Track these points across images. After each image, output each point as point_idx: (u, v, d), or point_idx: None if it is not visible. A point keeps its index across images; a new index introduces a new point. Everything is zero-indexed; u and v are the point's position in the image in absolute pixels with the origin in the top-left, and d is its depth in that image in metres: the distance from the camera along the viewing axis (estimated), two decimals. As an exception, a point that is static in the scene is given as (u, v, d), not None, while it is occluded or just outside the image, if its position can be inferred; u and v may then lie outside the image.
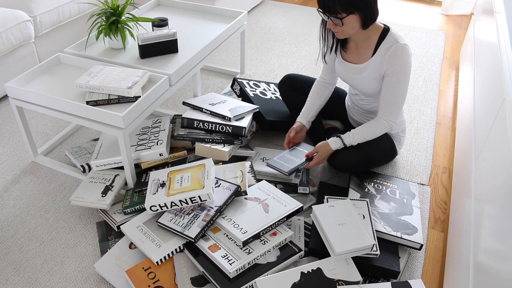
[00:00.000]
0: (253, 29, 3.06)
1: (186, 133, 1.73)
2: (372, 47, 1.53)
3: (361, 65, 1.56)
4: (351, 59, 1.61)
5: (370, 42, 1.53)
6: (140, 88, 1.58)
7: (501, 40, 1.50)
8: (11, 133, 2.00)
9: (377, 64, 1.52)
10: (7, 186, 1.71)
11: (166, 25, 1.96)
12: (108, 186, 1.59)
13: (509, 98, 1.19)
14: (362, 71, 1.57)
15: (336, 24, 1.43)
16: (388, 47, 1.49)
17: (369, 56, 1.54)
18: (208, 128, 1.76)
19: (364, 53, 1.55)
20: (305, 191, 1.64)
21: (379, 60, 1.51)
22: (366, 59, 1.55)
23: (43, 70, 1.75)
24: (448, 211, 1.65)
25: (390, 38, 1.49)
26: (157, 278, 1.30)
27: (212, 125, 1.75)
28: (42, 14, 2.27)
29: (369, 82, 1.57)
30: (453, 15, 3.38)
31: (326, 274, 1.27)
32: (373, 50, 1.53)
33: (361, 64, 1.56)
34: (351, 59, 1.61)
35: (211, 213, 1.40)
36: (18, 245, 1.48)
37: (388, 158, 1.76)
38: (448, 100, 2.33)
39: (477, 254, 1.08)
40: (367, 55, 1.55)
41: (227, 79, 2.46)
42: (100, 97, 1.53)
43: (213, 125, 1.74)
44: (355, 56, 1.59)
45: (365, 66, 1.55)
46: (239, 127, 1.73)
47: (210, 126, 1.75)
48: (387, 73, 1.50)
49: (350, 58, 1.61)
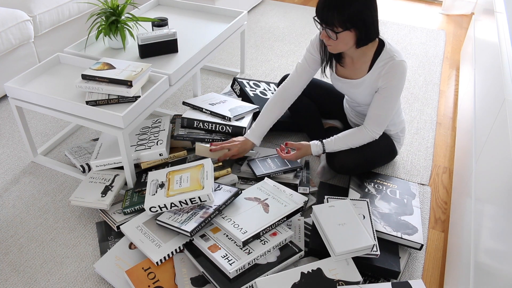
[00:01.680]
0: (253, 29, 3.06)
1: (186, 133, 1.72)
2: (368, 62, 1.51)
3: (357, 81, 1.55)
4: (347, 74, 1.59)
5: (366, 58, 1.51)
6: (140, 87, 1.58)
7: (502, 40, 1.50)
8: (11, 133, 2.00)
9: (372, 80, 1.50)
10: (6, 186, 1.71)
11: (166, 25, 1.96)
12: (108, 186, 1.58)
13: (509, 98, 1.19)
14: (358, 86, 1.56)
15: (330, 37, 1.39)
16: (384, 63, 1.46)
17: (365, 71, 1.52)
18: (208, 128, 1.75)
19: (359, 68, 1.54)
20: (305, 191, 1.64)
21: (374, 76, 1.49)
22: (362, 75, 1.53)
23: (42, 70, 1.75)
24: (449, 211, 1.65)
25: (386, 54, 1.47)
26: (157, 278, 1.30)
27: (212, 125, 1.74)
28: (42, 13, 2.27)
29: (365, 96, 1.57)
30: (453, 15, 3.38)
31: (326, 274, 1.27)
32: (369, 66, 1.51)
33: (357, 80, 1.55)
34: (347, 74, 1.59)
35: (210, 210, 1.40)
36: (18, 245, 1.48)
37: (388, 159, 1.76)
38: (449, 100, 2.32)
39: (477, 254, 1.08)
40: (363, 71, 1.53)
41: (227, 79, 2.46)
42: (99, 97, 1.53)
43: (213, 125, 1.74)
44: (351, 71, 1.57)
45: (361, 82, 1.54)
46: (239, 127, 1.73)
47: (210, 126, 1.75)
48: (381, 87, 1.49)
49: (346, 73, 1.59)
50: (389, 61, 1.45)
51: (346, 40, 1.40)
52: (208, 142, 1.70)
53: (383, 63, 1.47)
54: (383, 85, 1.48)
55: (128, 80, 1.50)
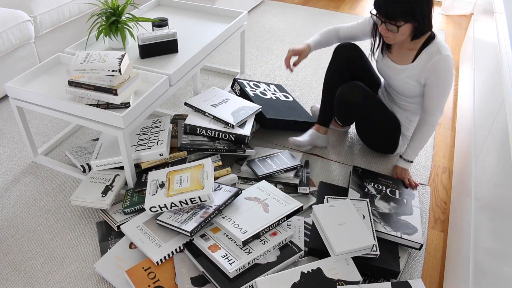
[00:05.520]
0: (253, 29, 3.06)
1: (190, 141, 1.73)
2: (415, 51, 1.55)
3: (401, 67, 1.59)
4: (393, 58, 1.63)
5: (415, 46, 1.55)
6: (130, 95, 1.55)
7: (501, 40, 1.50)
8: (11, 133, 2.00)
9: (416, 70, 1.54)
10: (7, 186, 1.71)
11: (166, 25, 1.96)
12: (108, 186, 1.59)
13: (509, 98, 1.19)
14: (401, 73, 1.60)
15: (391, 30, 1.45)
16: (430, 55, 1.50)
17: (410, 60, 1.56)
18: (211, 135, 1.76)
19: (406, 54, 1.58)
20: (305, 191, 1.65)
21: (419, 67, 1.53)
22: (407, 62, 1.57)
23: (43, 70, 1.75)
24: (448, 211, 1.66)
25: (434, 46, 1.51)
26: (157, 278, 1.30)
27: (215, 133, 1.74)
28: (42, 14, 2.27)
29: (404, 84, 1.61)
30: (453, 15, 3.38)
31: (326, 274, 1.27)
32: (415, 54, 1.55)
33: (401, 66, 1.59)
34: (393, 58, 1.63)
35: (210, 210, 1.40)
36: (18, 245, 1.48)
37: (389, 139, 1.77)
38: (448, 100, 2.33)
39: (477, 254, 1.08)
40: (409, 59, 1.57)
41: (227, 79, 2.46)
42: (89, 102, 1.51)
43: (216, 133, 1.74)
44: (397, 56, 1.61)
45: (404, 69, 1.58)
46: (242, 135, 1.73)
47: (213, 133, 1.75)
48: (427, 82, 1.53)
49: (392, 56, 1.63)
50: (435, 55, 1.49)
51: (405, 32, 1.46)
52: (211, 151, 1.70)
53: (429, 55, 1.50)
54: (429, 80, 1.52)
55: (113, 89, 1.48)
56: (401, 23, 1.42)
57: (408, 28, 1.45)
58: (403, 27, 1.44)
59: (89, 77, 1.50)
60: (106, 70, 1.45)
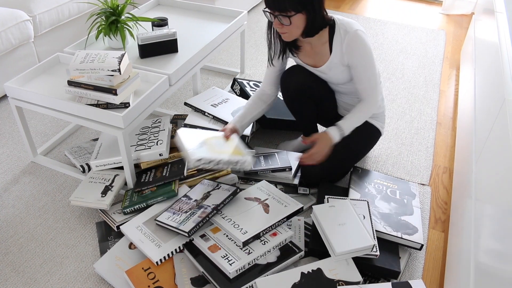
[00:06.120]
0: (253, 29, 3.05)
1: None
2: (326, 43, 1.53)
3: (324, 66, 1.57)
4: (312, 63, 1.60)
5: (323, 39, 1.53)
6: (129, 95, 1.55)
7: (502, 40, 1.50)
8: (11, 133, 2.00)
9: (337, 58, 1.53)
10: (6, 186, 1.71)
11: (166, 25, 1.96)
12: (108, 186, 1.58)
13: (509, 98, 1.19)
14: (328, 71, 1.58)
15: (284, 23, 1.41)
16: (341, 39, 1.49)
17: (327, 54, 1.54)
18: None
19: (321, 52, 1.55)
20: (305, 192, 1.64)
21: (338, 54, 1.52)
22: (326, 59, 1.55)
23: (42, 70, 1.74)
24: (449, 211, 1.65)
25: (340, 29, 1.49)
26: (157, 278, 1.30)
27: None
28: (42, 13, 2.27)
29: (338, 75, 1.58)
30: (453, 15, 3.38)
31: (326, 275, 1.27)
32: (329, 46, 1.53)
33: (324, 65, 1.56)
34: (312, 63, 1.60)
35: (208, 210, 1.40)
36: (18, 245, 1.48)
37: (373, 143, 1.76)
38: (449, 100, 2.32)
39: (477, 254, 1.08)
40: (325, 54, 1.55)
41: (227, 79, 2.45)
42: (89, 102, 1.51)
43: None
44: (314, 58, 1.58)
45: (328, 65, 1.56)
46: (242, 135, 1.72)
47: None
48: (350, 64, 1.51)
49: (311, 61, 1.60)
50: (344, 36, 1.48)
51: (298, 24, 1.42)
52: None
53: (340, 39, 1.49)
54: (351, 61, 1.50)
55: (112, 89, 1.48)
56: (292, 12, 1.38)
57: (301, 19, 1.41)
58: (295, 18, 1.39)
59: (88, 77, 1.50)
60: (106, 70, 1.45)
